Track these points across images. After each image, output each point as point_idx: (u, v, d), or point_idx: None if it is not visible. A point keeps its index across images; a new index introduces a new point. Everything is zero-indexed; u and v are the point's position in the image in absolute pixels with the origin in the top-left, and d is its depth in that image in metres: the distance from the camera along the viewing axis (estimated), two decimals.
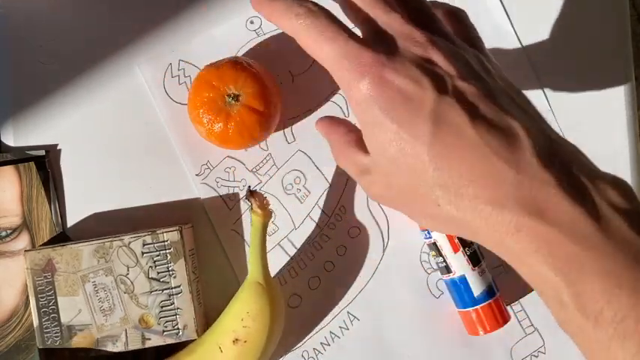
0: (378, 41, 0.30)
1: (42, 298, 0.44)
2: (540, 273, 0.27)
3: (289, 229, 0.48)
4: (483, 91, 0.29)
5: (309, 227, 0.48)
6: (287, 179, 0.48)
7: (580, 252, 0.26)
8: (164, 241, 0.45)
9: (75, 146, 0.48)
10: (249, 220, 0.45)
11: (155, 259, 0.45)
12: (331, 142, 0.36)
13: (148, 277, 0.45)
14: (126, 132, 0.48)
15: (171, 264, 0.45)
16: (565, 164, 0.28)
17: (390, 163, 0.30)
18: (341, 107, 0.48)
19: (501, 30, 0.48)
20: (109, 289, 0.44)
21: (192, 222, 0.48)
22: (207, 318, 0.47)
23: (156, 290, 0.45)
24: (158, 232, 0.45)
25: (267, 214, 0.44)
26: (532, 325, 0.48)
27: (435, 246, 0.45)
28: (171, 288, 0.45)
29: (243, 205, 0.48)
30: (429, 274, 0.48)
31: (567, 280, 0.26)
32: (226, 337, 0.44)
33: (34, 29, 0.48)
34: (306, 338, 0.48)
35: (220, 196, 0.48)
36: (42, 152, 0.47)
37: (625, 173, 0.49)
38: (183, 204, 0.48)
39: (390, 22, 0.31)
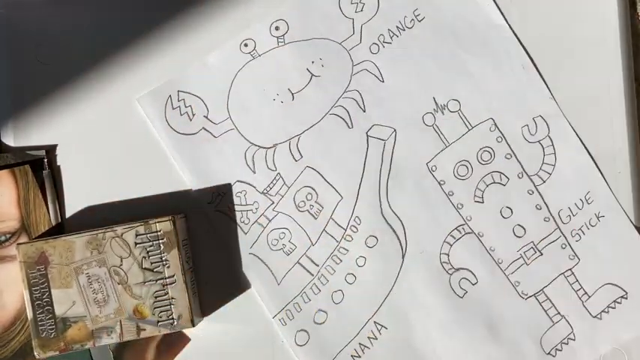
0: None
1: (36, 290, 0.44)
2: None
3: (306, 246, 0.48)
4: None
5: (326, 242, 0.48)
6: (298, 197, 0.48)
7: None
8: (157, 232, 0.44)
9: (75, 146, 0.48)
10: (267, 240, 0.45)
11: (148, 249, 0.44)
12: None
13: (142, 268, 0.44)
14: (126, 131, 0.48)
15: (165, 254, 0.44)
16: None
17: None
18: (344, 119, 0.48)
19: (499, 28, 0.48)
20: (103, 281, 0.44)
21: (185, 212, 0.48)
22: (201, 307, 0.47)
23: (150, 280, 0.44)
24: (151, 222, 0.44)
25: None
26: (558, 313, 0.48)
27: None
28: (165, 278, 0.44)
29: (258, 228, 0.48)
30: (450, 274, 0.48)
31: None
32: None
33: (34, 29, 0.48)
34: (336, 353, 0.48)
35: (234, 221, 0.48)
36: (42, 153, 0.47)
37: (625, 173, 0.49)
38: (178, 195, 0.48)
39: None
